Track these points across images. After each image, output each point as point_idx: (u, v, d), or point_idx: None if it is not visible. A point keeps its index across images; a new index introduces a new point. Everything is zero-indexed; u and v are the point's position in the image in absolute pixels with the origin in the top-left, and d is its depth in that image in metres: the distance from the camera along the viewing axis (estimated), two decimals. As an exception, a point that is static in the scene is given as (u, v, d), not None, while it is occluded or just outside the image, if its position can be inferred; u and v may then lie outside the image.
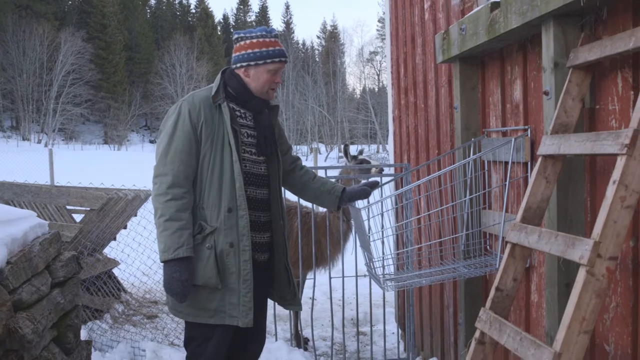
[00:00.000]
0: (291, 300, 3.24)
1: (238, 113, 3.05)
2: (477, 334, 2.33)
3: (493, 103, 3.24)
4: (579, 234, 2.36)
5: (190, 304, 2.96)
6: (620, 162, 1.80)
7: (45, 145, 49.15)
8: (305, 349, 5.23)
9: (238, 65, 3.03)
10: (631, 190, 1.78)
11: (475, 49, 3.08)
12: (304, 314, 5.52)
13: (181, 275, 2.81)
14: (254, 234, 3.03)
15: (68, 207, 6.05)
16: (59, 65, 57.09)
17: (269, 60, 2.98)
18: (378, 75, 67.15)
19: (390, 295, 6.02)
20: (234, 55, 3.06)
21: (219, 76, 3.09)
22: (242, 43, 3.02)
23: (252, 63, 2.98)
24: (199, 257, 2.91)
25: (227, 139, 2.93)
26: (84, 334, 4.86)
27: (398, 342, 5.24)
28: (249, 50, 2.99)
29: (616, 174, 1.79)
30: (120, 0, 71.82)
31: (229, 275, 2.92)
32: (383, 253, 3.30)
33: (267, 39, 3.00)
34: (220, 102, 2.97)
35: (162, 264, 2.89)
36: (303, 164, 3.47)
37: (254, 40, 2.99)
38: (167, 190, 2.86)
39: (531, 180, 2.31)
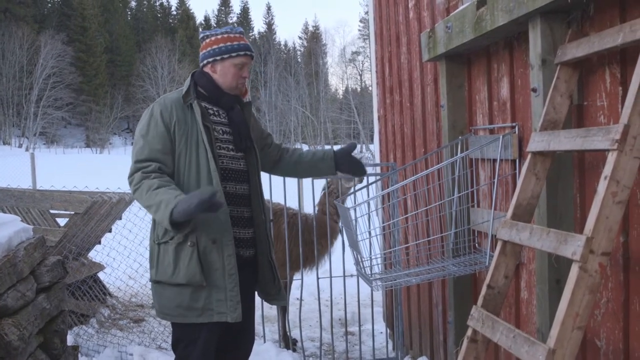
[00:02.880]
0: (275, 295, 3.23)
1: (211, 111, 3.06)
2: (469, 332, 2.32)
3: (480, 101, 3.24)
4: (569, 230, 2.36)
5: (178, 305, 2.93)
6: (611, 158, 1.80)
7: (27, 150, 48.65)
8: (294, 350, 5.21)
9: (205, 62, 3.06)
10: (622, 185, 1.78)
11: (462, 46, 3.08)
12: (292, 315, 5.50)
13: (190, 196, 2.66)
14: (237, 230, 3.02)
15: (52, 211, 5.99)
16: (39, 68, 56.65)
17: (234, 54, 3.00)
18: (360, 75, 67.31)
19: (378, 295, 6.01)
20: (200, 53, 3.10)
21: (189, 78, 3.10)
22: (207, 41, 3.06)
23: (217, 58, 3.01)
24: (181, 256, 2.89)
25: (201, 137, 2.93)
26: (70, 340, 4.81)
27: (387, 341, 5.24)
28: (214, 46, 3.02)
29: (607, 170, 1.80)
30: (100, 2, 71.42)
31: (214, 271, 2.90)
32: (371, 252, 3.29)
33: (231, 35, 3.04)
34: (191, 101, 2.98)
35: (173, 228, 2.73)
36: (286, 146, 3.50)
37: (219, 37, 3.03)
38: (146, 174, 2.84)
39: (521, 177, 2.31)
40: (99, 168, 28.93)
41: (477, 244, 3.30)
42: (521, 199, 2.30)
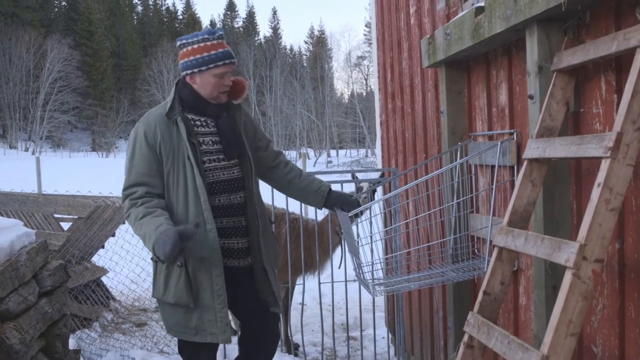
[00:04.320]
0: (272, 302, 3.17)
1: (198, 122, 2.99)
2: (465, 338, 2.33)
3: (479, 107, 3.25)
4: (566, 237, 2.37)
5: (175, 323, 2.97)
6: (604, 165, 1.81)
7: (33, 153, 48.84)
8: (296, 355, 5.22)
9: (184, 73, 2.96)
10: (615, 193, 1.79)
11: (461, 53, 3.10)
12: (294, 320, 5.51)
13: (161, 237, 2.63)
14: (235, 240, 3.02)
15: (56, 215, 6.03)
16: (46, 72, 56.92)
17: (211, 65, 2.89)
18: (366, 79, 67.27)
19: (380, 300, 6.02)
20: (179, 63, 2.99)
21: (173, 88, 3.03)
22: (184, 50, 2.94)
23: (195, 70, 2.91)
24: (172, 275, 2.89)
25: (186, 153, 2.88)
26: (72, 343, 4.83)
27: (388, 346, 5.24)
28: (192, 57, 2.90)
29: (600, 177, 1.81)
30: (107, 7, 71.74)
31: (203, 291, 2.89)
32: (372, 258, 3.30)
33: (209, 42, 2.90)
34: (175, 117, 2.92)
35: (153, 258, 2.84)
36: (287, 159, 3.39)
37: (196, 46, 2.90)
38: (133, 201, 2.85)
39: (517, 184, 2.32)
40: (105, 172, 29.03)
41: (476, 250, 3.31)
42: (517, 205, 2.31)
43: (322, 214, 5.05)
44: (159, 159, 2.88)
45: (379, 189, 5.23)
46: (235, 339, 3.69)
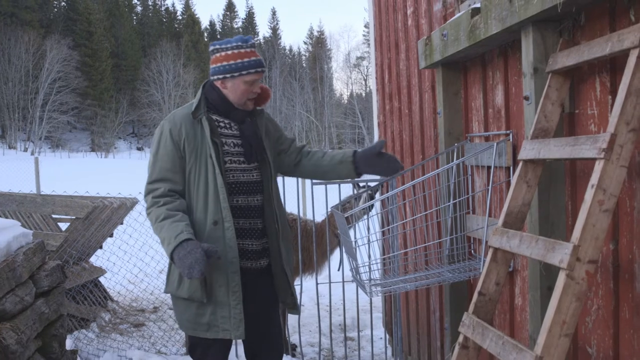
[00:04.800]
0: (291, 304, 3.24)
1: (222, 124, 3.06)
2: (460, 339, 2.34)
3: (475, 108, 3.26)
4: (561, 238, 2.37)
5: (187, 319, 3.01)
6: (598, 167, 1.81)
7: (32, 154, 48.88)
8: (293, 355, 5.22)
9: (215, 77, 3.03)
10: (609, 194, 1.80)
11: (457, 54, 3.10)
12: (292, 320, 5.51)
13: (185, 250, 2.74)
14: (250, 242, 3.07)
15: (54, 215, 6.03)
16: (45, 72, 56.93)
17: (244, 72, 2.96)
18: (365, 80, 67.33)
19: (378, 301, 6.02)
20: (211, 67, 3.07)
21: (200, 90, 3.10)
22: (217, 55, 3.01)
23: (227, 75, 2.97)
24: None
25: (209, 152, 2.95)
26: (70, 344, 4.83)
27: (385, 347, 5.25)
28: (224, 63, 2.97)
29: (594, 178, 1.81)
30: (106, 7, 71.75)
31: (218, 288, 2.94)
32: (369, 258, 3.31)
33: (243, 50, 2.98)
34: (200, 116, 3.00)
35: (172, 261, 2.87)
36: (310, 149, 3.37)
37: (229, 52, 2.97)
38: (155, 200, 2.93)
39: (512, 185, 2.33)
40: (104, 172, 29.02)
41: (473, 251, 3.32)
42: (512, 206, 2.31)
43: (320, 216, 5.06)
44: (182, 156, 2.97)
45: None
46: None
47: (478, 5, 2.77)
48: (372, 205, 4.29)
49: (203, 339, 3.04)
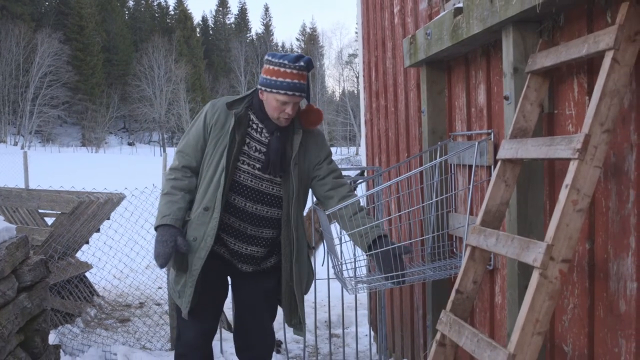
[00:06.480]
0: (297, 326, 3.33)
1: (254, 125, 3.11)
2: (437, 336, 2.35)
3: (459, 107, 3.27)
4: (539, 237, 2.39)
5: (171, 280, 3.22)
6: (572, 167, 1.83)
7: (22, 148, 48.63)
8: (278, 352, 5.23)
9: (258, 86, 3.11)
10: (583, 194, 1.82)
11: (441, 53, 3.12)
12: (277, 316, 5.51)
13: (162, 237, 2.97)
14: (234, 242, 3.16)
15: (40, 210, 6.01)
16: (36, 66, 56.65)
17: (274, 91, 2.97)
18: (357, 77, 67.08)
19: (363, 298, 6.04)
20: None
21: (252, 90, 3.22)
22: (265, 66, 3.06)
23: (262, 88, 3.03)
24: None
25: (227, 143, 3.05)
26: (54, 338, 4.82)
27: (370, 344, 5.26)
28: (265, 75, 3.01)
29: (568, 178, 1.83)
30: (98, 1, 71.35)
31: (187, 265, 3.09)
32: (355, 255, 3.32)
33: (285, 69, 2.96)
34: (234, 110, 3.07)
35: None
36: (346, 193, 3.16)
37: (273, 68, 2.99)
38: (170, 171, 3.15)
39: (490, 184, 2.34)
40: (94, 167, 28.90)
41: (454, 249, 3.34)
42: (490, 205, 2.33)
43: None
44: (206, 139, 3.10)
45: (363, 187, 5.25)
46: (231, 336, 3.75)
47: (461, 4, 2.79)
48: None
49: (180, 320, 3.19)
